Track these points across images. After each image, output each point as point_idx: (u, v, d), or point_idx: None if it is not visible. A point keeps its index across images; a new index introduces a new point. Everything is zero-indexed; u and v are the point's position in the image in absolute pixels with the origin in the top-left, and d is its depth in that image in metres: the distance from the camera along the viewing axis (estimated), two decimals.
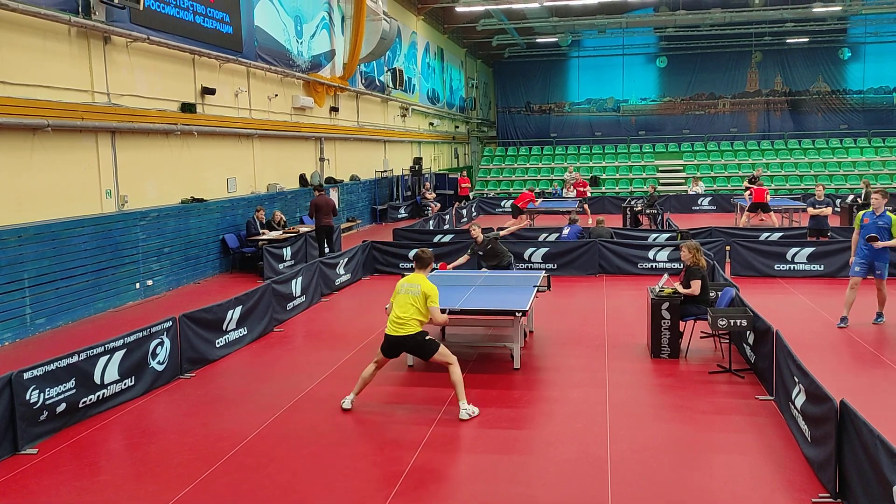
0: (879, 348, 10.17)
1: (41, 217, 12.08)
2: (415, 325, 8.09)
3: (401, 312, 8.09)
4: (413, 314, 8.06)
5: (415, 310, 8.07)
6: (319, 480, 6.53)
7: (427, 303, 8.04)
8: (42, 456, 7.19)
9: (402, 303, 8.14)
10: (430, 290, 8.10)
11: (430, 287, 8.15)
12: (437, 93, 37.80)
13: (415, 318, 8.06)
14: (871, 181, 28.32)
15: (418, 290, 8.08)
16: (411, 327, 8.06)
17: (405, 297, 8.14)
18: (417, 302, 8.06)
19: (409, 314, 8.07)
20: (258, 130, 18.83)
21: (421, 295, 8.05)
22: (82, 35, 12.88)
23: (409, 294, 8.12)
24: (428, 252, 8.64)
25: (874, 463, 5.12)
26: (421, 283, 8.18)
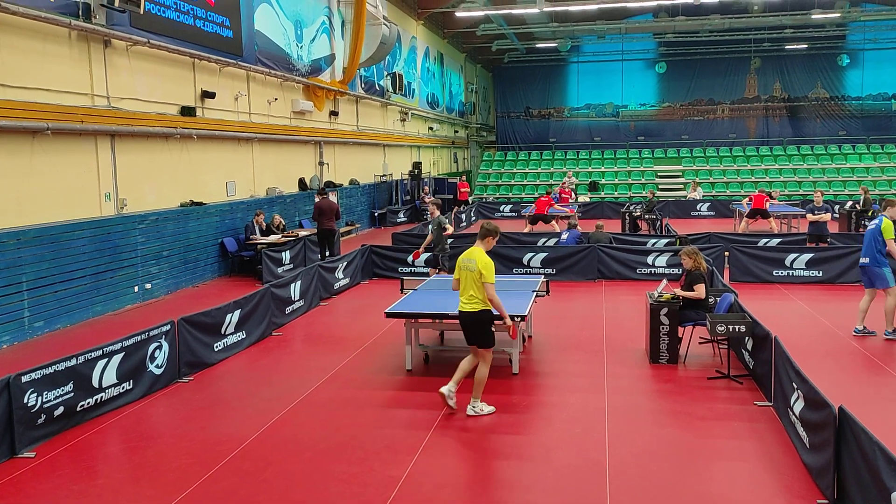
0: (878, 355, 10.16)
1: (40, 220, 12.07)
2: (475, 303, 8.04)
3: (463, 288, 8.11)
4: (472, 291, 8.03)
5: (473, 286, 8.02)
6: (317, 485, 6.51)
7: (480, 279, 7.94)
8: (39, 459, 7.18)
9: (463, 279, 8.12)
10: (484, 267, 7.93)
11: (485, 263, 7.97)
12: (437, 97, 37.83)
13: (474, 295, 8.02)
14: (870, 187, 28.34)
15: (474, 266, 7.99)
16: (472, 304, 8.04)
17: (465, 273, 8.10)
18: (474, 278, 7.99)
19: (468, 290, 8.06)
20: (258, 134, 18.84)
21: (476, 271, 7.96)
22: (82, 38, 12.89)
23: (467, 270, 8.07)
24: (490, 224, 8.46)
25: (873, 469, 5.11)
26: (477, 258, 8.03)
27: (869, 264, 11.07)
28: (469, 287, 8.03)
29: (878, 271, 10.96)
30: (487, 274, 7.89)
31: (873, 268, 11.01)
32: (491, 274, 7.93)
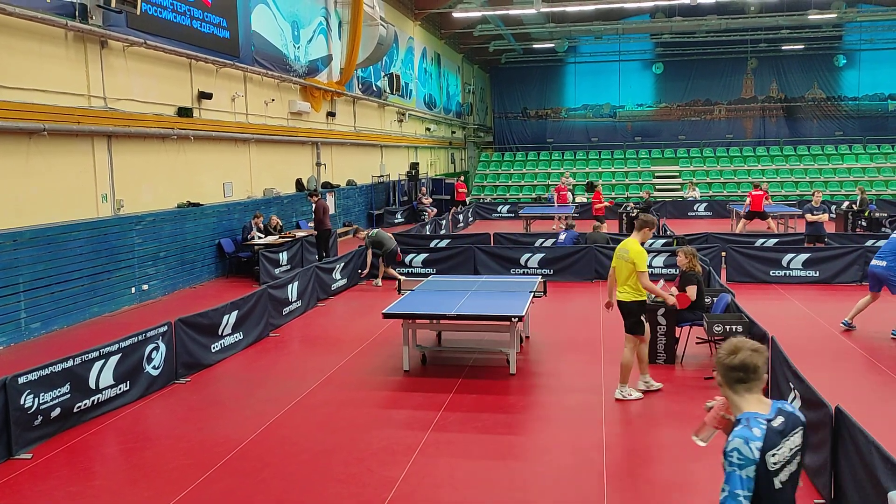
0: (875, 354, 10.18)
1: (37, 221, 12.05)
2: (627, 292, 8.38)
3: (618, 277, 8.43)
4: (625, 280, 8.35)
5: (626, 276, 8.33)
6: (315, 486, 6.51)
7: (635, 266, 8.22)
8: (36, 461, 7.17)
9: (618, 268, 8.45)
10: (637, 256, 8.22)
11: (638, 252, 8.24)
12: (434, 98, 37.83)
13: (627, 283, 8.33)
14: (866, 188, 28.38)
15: (628, 256, 8.29)
16: (625, 294, 8.39)
17: (619, 262, 8.42)
18: (625, 267, 8.33)
19: (622, 279, 8.38)
20: (255, 135, 18.83)
21: (630, 261, 8.26)
22: (79, 39, 12.88)
23: (622, 259, 8.38)
24: (647, 216, 8.70)
25: (869, 469, 5.12)
26: (630, 248, 8.31)
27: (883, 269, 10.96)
28: (623, 276, 8.38)
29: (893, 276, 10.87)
30: (639, 263, 8.22)
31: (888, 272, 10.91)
32: (642, 263, 8.24)
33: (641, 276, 8.28)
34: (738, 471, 3.07)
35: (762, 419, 3.17)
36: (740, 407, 3.29)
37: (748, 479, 3.06)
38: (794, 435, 3.25)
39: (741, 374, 3.30)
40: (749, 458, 3.07)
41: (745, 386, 3.31)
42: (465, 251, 16.98)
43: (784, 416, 3.24)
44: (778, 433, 3.17)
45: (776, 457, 3.12)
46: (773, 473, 3.11)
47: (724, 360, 3.33)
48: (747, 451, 3.07)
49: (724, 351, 3.35)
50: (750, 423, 3.16)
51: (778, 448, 3.14)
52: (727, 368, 3.32)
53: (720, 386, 3.39)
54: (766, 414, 3.22)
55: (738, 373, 3.30)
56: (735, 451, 3.08)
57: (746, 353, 3.31)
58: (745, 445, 3.08)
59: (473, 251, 16.94)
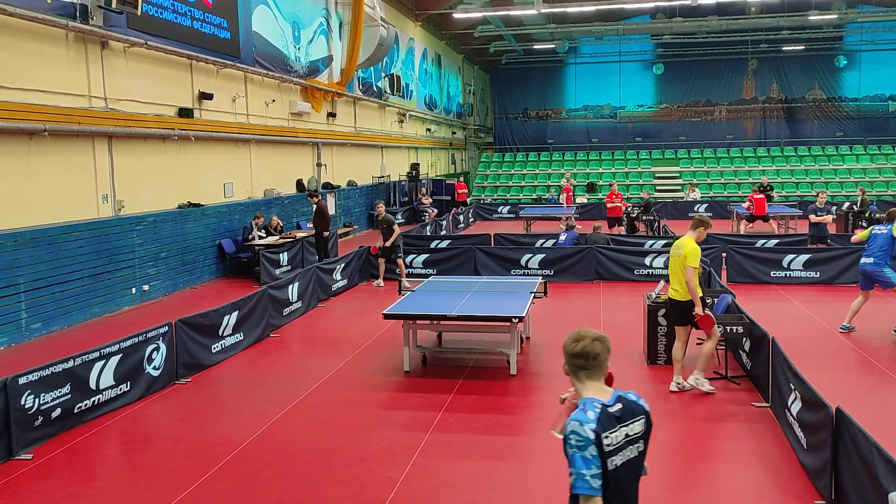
0: (875, 355, 10.17)
1: (37, 221, 12.06)
2: (675, 290, 8.51)
3: (671, 275, 8.57)
4: (676, 277, 8.48)
5: (676, 273, 8.45)
6: (315, 486, 6.51)
7: (685, 262, 8.33)
8: (37, 461, 7.17)
9: (672, 265, 8.57)
10: (691, 252, 8.37)
11: (692, 249, 8.38)
12: (435, 99, 37.84)
13: (678, 281, 8.45)
14: (867, 188, 28.36)
15: (681, 251, 8.41)
16: (677, 293, 8.50)
17: (673, 259, 8.53)
18: (678, 264, 8.42)
19: (673, 276, 8.51)
20: (255, 136, 18.83)
21: (681, 258, 8.38)
22: (80, 40, 12.88)
23: (675, 256, 8.49)
24: (703, 216, 8.87)
25: (870, 470, 5.12)
26: (685, 245, 8.44)
27: (871, 265, 11.13)
28: (676, 273, 8.50)
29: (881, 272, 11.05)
30: (692, 259, 8.38)
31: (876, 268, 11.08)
32: (695, 259, 8.39)
33: (689, 271, 8.38)
34: (578, 452, 3.17)
35: (598, 404, 3.29)
36: (581, 393, 3.42)
37: (594, 458, 3.16)
38: (634, 423, 3.37)
39: (582, 360, 3.43)
40: (586, 437, 3.17)
41: (587, 373, 3.43)
42: (466, 252, 16.98)
43: (623, 404, 3.37)
44: (614, 418, 3.28)
45: (609, 439, 3.21)
46: (607, 455, 3.20)
47: (567, 347, 3.48)
48: (583, 432, 3.17)
49: (569, 339, 3.49)
50: (586, 407, 3.28)
51: (612, 431, 3.24)
52: (570, 356, 3.47)
53: (567, 374, 3.51)
54: (605, 401, 3.34)
55: (579, 360, 3.44)
56: (573, 434, 3.19)
57: (588, 342, 3.45)
58: (580, 427, 3.19)
59: (474, 252, 16.94)
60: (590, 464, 3.15)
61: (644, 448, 3.47)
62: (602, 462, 3.19)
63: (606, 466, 3.20)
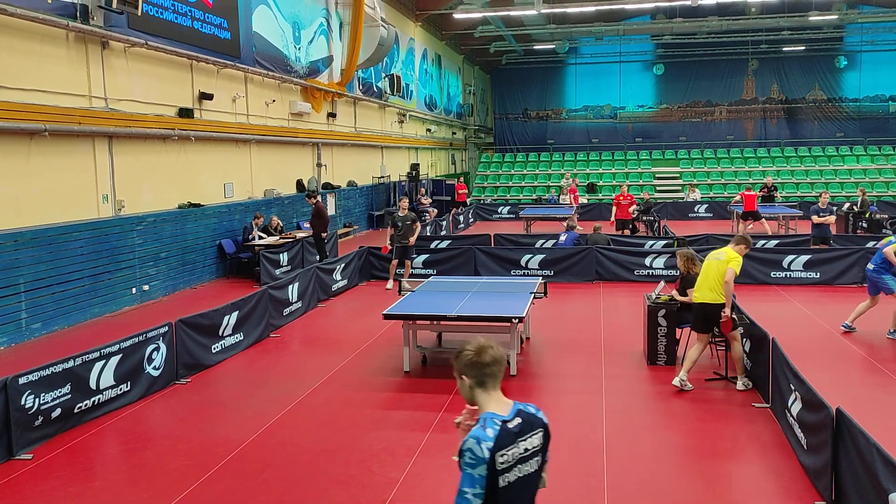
0: (876, 356, 10.18)
1: (38, 221, 12.06)
2: (705, 293, 8.70)
3: (704, 279, 8.73)
4: (713, 283, 8.66)
5: (710, 277, 8.67)
6: (315, 487, 6.51)
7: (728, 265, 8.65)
8: (37, 461, 7.17)
9: (706, 270, 8.76)
10: (735, 258, 8.72)
11: (735, 256, 8.76)
12: (435, 99, 37.84)
13: (715, 287, 8.64)
14: (867, 189, 28.38)
15: (723, 256, 8.68)
16: (714, 295, 8.65)
17: (709, 264, 8.74)
18: (719, 268, 8.65)
19: (710, 282, 8.67)
20: (255, 136, 18.83)
21: (724, 261, 8.64)
22: (80, 40, 12.88)
23: (714, 261, 8.72)
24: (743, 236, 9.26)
25: (870, 471, 5.12)
26: (728, 252, 8.74)
27: (872, 271, 11.40)
28: (705, 276, 8.72)
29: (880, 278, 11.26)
30: (735, 263, 8.73)
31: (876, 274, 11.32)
32: (738, 265, 8.75)
33: (730, 273, 8.63)
34: (469, 469, 3.13)
35: (498, 420, 3.23)
36: (483, 406, 3.34)
37: (480, 478, 3.12)
38: (532, 436, 3.32)
39: (494, 368, 3.34)
40: (480, 457, 3.11)
41: (493, 383, 3.35)
42: (466, 252, 16.98)
43: (523, 418, 3.31)
44: (513, 434, 3.23)
45: (505, 457, 3.17)
46: (499, 472, 3.15)
47: (475, 358, 3.33)
48: (479, 451, 3.12)
49: (472, 350, 3.35)
50: (486, 424, 3.21)
51: (509, 448, 3.19)
52: (481, 366, 3.33)
53: (469, 388, 3.37)
54: (505, 415, 3.27)
55: (491, 367, 3.33)
56: (468, 451, 3.14)
57: (495, 349, 3.37)
58: (477, 446, 3.13)
59: (474, 252, 16.94)
60: (475, 483, 3.11)
61: (543, 461, 3.43)
62: (493, 480, 3.15)
63: (498, 483, 3.17)
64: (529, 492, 3.36)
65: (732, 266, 8.70)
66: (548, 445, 3.44)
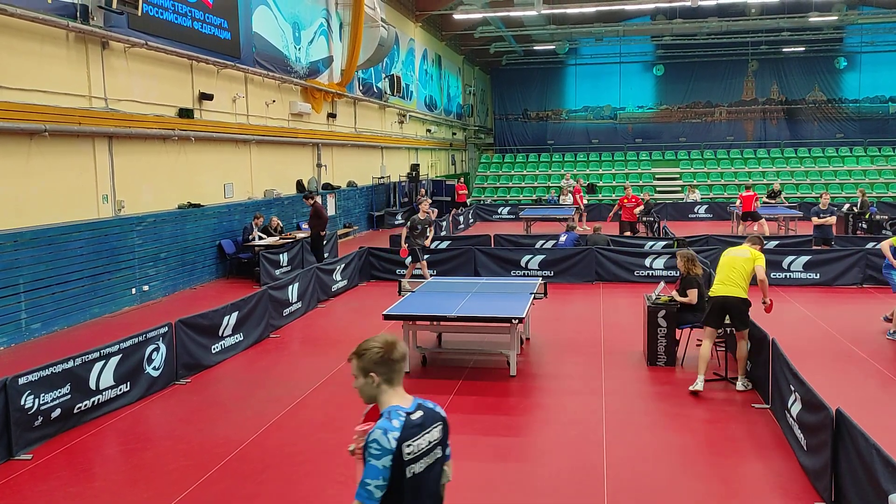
0: (875, 356, 10.17)
1: (37, 222, 12.06)
2: (739, 289, 8.75)
3: (729, 274, 8.80)
4: (737, 278, 8.76)
5: (739, 273, 8.77)
6: (314, 487, 6.51)
7: (755, 263, 8.86)
8: (36, 461, 7.17)
9: (729, 265, 8.86)
10: (760, 254, 9.00)
11: (759, 253, 9.04)
12: (435, 99, 37.84)
13: (739, 282, 8.75)
14: (867, 190, 28.38)
15: (747, 254, 8.86)
16: (738, 290, 8.73)
17: (733, 259, 8.86)
18: (745, 264, 8.79)
19: (735, 276, 8.76)
20: (255, 136, 18.84)
21: (750, 258, 8.82)
22: (80, 40, 12.89)
23: (738, 257, 8.86)
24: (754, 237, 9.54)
25: (870, 472, 5.12)
26: (750, 250, 9.05)
27: (884, 268, 11.73)
28: (733, 272, 8.81)
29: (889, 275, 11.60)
30: (761, 259, 8.97)
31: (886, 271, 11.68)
32: (763, 260, 9.00)
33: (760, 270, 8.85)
34: (374, 461, 3.15)
35: (402, 412, 3.29)
36: (387, 402, 3.38)
37: (384, 469, 3.15)
38: (433, 429, 3.38)
39: (402, 364, 3.42)
40: (386, 448, 3.15)
41: (399, 378, 3.42)
42: (466, 253, 16.97)
43: (423, 411, 3.38)
44: (417, 426, 3.29)
45: (411, 447, 3.22)
46: (407, 463, 3.20)
47: (386, 355, 3.37)
48: (385, 442, 3.16)
49: (380, 346, 3.38)
50: (391, 416, 3.26)
51: (414, 439, 3.25)
52: (392, 363, 3.39)
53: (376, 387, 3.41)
54: (407, 407, 3.34)
55: (400, 364, 3.41)
56: (374, 442, 3.17)
57: (401, 344, 3.44)
58: (383, 436, 3.17)
59: (474, 253, 16.94)
60: (378, 474, 3.14)
61: (444, 455, 3.48)
62: (400, 471, 3.19)
63: (405, 474, 3.21)
64: (435, 484, 3.44)
65: (760, 263, 8.91)
66: (447, 439, 3.50)
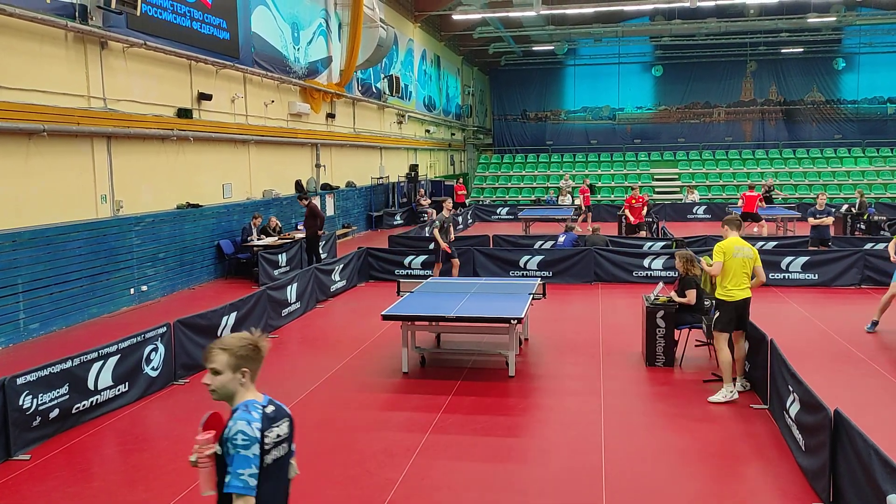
0: (874, 357, 10.18)
1: (36, 222, 12.05)
2: (749, 289, 8.70)
3: (743, 276, 8.63)
4: (747, 279, 8.68)
5: (748, 274, 8.69)
6: (312, 488, 6.50)
7: (756, 262, 8.68)
8: (35, 462, 7.17)
9: (742, 267, 8.64)
10: (756, 252, 8.79)
11: (755, 249, 8.85)
12: (434, 100, 37.85)
13: (748, 282, 8.68)
14: (865, 191, 28.41)
15: (750, 253, 8.68)
16: (749, 290, 8.69)
17: (744, 261, 8.65)
18: (752, 263, 8.67)
19: (747, 278, 8.66)
20: (254, 136, 18.83)
21: (753, 256, 8.68)
22: (79, 40, 12.88)
23: (747, 259, 8.66)
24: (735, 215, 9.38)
25: (868, 472, 5.13)
26: (747, 245, 8.77)
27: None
28: (745, 272, 8.64)
29: None
30: (758, 256, 8.79)
31: None
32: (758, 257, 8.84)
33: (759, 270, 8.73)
34: (242, 451, 3.24)
35: (258, 405, 3.41)
36: (244, 397, 3.45)
37: (255, 458, 3.26)
38: (282, 424, 3.49)
39: (261, 360, 3.51)
40: (253, 437, 3.26)
41: (257, 372, 3.50)
42: (465, 253, 16.96)
43: (274, 406, 3.50)
44: (270, 418, 3.41)
45: (269, 437, 3.36)
46: (266, 451, 3.33)
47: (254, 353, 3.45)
48: (251, 431, 3.27)
49: (249, 343, 3.45)
50: (249, 408, 3.36)
51: (270, 430, 3.38)
52: (259, 360, 3.49)
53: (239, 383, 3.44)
54: (261, 402, 3.45)
55: (262, 359, 3.51)
56: (240, 433, 3.25)
57: (263, 340, 3.53)
58: (248, 426, 3.27)
59: (472, 253, 16.94)
60: (250, 463, 3.23)
61: (290, 450, 3.58)
62: (261, 458, 3.29)
63: (264, 462, 3.32)
64: (285, 476, 3.56)
65: (759, 264, 8.82)
66: (293, 436, 3.60)
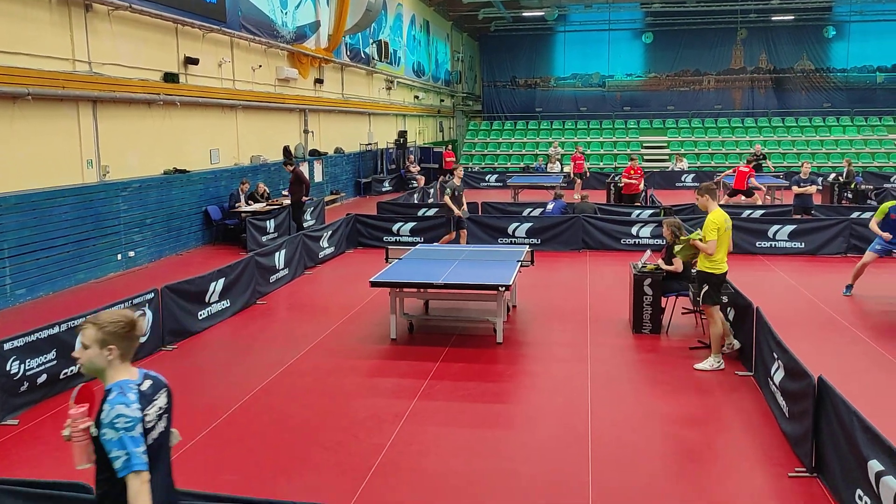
0: (858, 325, 10.28)
1: (21, 187, 11.94)
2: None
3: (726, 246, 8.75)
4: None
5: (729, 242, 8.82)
6: (301, 453, 6.55)
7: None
8: (22, 427, 7.18)
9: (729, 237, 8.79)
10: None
11: None
12: (423, 66, 37.55)
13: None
14: (853, 160, 28.46)
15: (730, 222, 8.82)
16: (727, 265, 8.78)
17: (730, 231, 8.81)
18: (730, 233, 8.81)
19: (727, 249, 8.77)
20: (242, 101, 18.66)
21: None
22: (63, 2, 12.67)
23: (728, 228, 8.78)
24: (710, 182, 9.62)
25: (850, 438, 5.20)
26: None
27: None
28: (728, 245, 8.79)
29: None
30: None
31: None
32: None
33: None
34: (126, 433, 3.21)
35: (132, 384, 3.37)
36: (115, 376, 3.41)
37: (141, 436, 3.26)
38: (160, 396, 3.51)
39: (138, 340, 3.51)
40: (135, 417, 3.25)
41: (132, 353, 3.48)
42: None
43: (151, 380, 3.50)
44: (148, 395, 3.40)
45: (149, 416, 3.35)
46: (147, 431, 3.33)
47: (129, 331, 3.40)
48: (131, 412, 3.24)
49: (125, 322, 3.39)
50: (124, 390, 3.32)
51: (148, 408, 3.37)
52: (134, 339, 3.45)
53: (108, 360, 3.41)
54: (136, 380, 3.42)
55: (137, 340, 3.50)
56: (120, 417, 3.23)
57: (141, 322, 3.49)
58: (127, 408, 3.24)
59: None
60: (138, 441, 3.22)
61: (169, 422, 3.61)
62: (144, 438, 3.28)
63: (149, 438, 3.33)
64: (167, 448, 3.60)
65: None
66: (171, 406, 3.63)
